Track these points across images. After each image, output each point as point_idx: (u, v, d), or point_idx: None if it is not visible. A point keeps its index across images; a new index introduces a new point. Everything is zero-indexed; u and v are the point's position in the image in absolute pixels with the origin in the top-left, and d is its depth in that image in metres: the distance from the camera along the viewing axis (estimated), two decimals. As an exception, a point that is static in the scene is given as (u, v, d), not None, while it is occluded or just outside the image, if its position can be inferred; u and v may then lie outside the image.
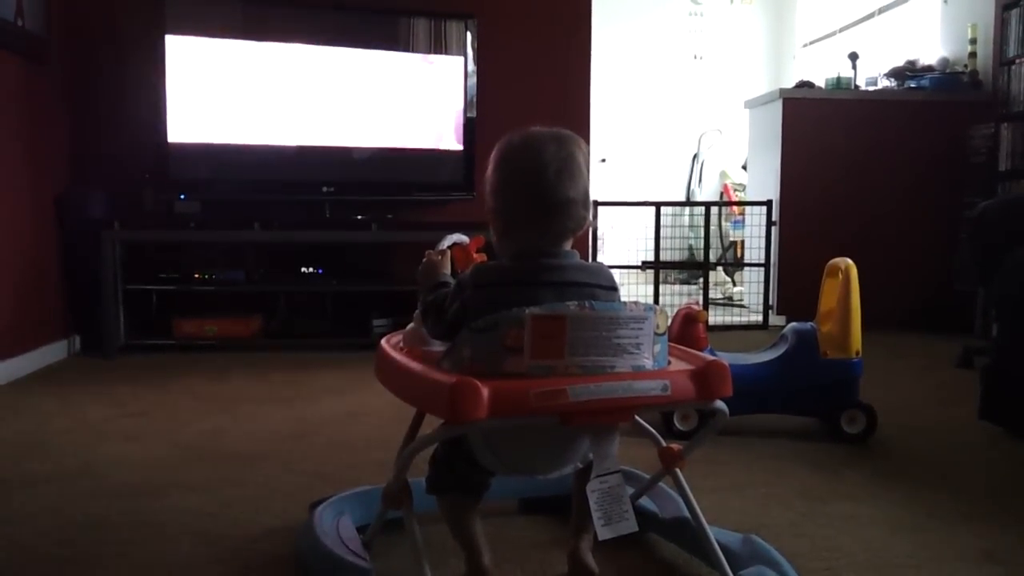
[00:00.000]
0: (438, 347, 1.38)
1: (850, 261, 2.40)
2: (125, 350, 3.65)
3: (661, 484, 1.60)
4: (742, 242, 5.55)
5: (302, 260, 3.97)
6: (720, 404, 1.29)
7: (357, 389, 2.97)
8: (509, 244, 1.34)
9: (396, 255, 4.05)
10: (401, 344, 1.47)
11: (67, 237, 3.68)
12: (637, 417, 1.43)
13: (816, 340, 2.38)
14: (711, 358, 1.29)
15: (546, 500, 1.73)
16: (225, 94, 3.73)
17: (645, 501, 1.63)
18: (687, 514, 1.40)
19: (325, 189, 3.90)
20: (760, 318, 4.60)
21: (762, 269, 4.59)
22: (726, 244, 6.19)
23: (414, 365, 1.30)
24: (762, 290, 4.60)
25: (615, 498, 1.23)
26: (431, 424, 1.25)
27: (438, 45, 4.01)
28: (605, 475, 1.24)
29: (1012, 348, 2.43)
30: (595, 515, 1.22)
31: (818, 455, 2.23)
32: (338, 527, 1.49)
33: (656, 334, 1.24)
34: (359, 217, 3.97)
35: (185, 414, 2.66)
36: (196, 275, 3.81)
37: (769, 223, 4.56)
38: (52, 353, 3.52)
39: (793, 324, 2.47)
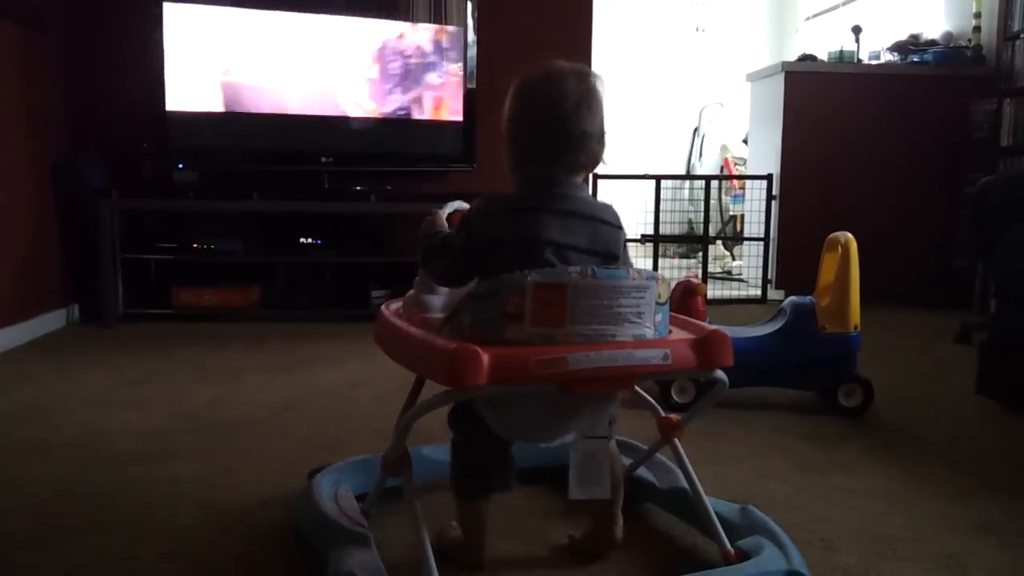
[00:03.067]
0: (438, 314, 1.38)
1: (850, 235, 2.39)
2: (123, 319, 3.65)
3: (659, 455, 1.61)
4: (742, 216, 5.53)
5: (301, 231, 3.95)
6: (720, 374, 1.29)
7: (356, 359, 2.98)
8: (520, 175, 1.33)
9: (395, 226, 4.04)
10: (401, 310, 1.46)
11: (65, 206, 3.66)
12: (637, 388, 1.43)
13: (815, 314, 2.38)
14: (712, 327, 1.29)
15: (544, 470, 1.74)
16: (224, 63, 3.70)
17: (643, 471, 1.63)
18: (685, 485, 1.41)
19: (324, 159, 3.88)
20: (759, 292, 4.61)
21: (761, 243, 4.59)
22: (726, 218, 6.17)
23: (414, 331, 1.29)
24: (761, 264, 4.60)
25: (595, 463, 1.24)
26: (431, 391, 1.25)
27: (439, 15, 3.97)
28: (593, 438, 1.25)
29: (1010, 324, 2.43)
30: (572, 473, 1.24)
31: (815, 428, 2.24)
32: (336, 495, 1.49)
33: (658, 303, 1.23)
34: (358, 188, 3.95)
35: (184, 383, 2.66)
36: (195, 245, 3.80)
37: (769, 197, 4.55)
38: (51, 322, 3.52)
39: (792, 298, 2.47)
